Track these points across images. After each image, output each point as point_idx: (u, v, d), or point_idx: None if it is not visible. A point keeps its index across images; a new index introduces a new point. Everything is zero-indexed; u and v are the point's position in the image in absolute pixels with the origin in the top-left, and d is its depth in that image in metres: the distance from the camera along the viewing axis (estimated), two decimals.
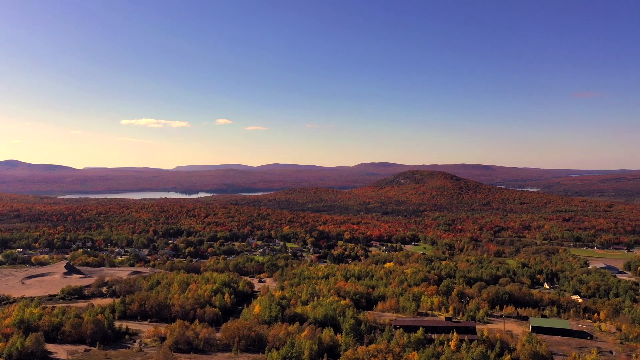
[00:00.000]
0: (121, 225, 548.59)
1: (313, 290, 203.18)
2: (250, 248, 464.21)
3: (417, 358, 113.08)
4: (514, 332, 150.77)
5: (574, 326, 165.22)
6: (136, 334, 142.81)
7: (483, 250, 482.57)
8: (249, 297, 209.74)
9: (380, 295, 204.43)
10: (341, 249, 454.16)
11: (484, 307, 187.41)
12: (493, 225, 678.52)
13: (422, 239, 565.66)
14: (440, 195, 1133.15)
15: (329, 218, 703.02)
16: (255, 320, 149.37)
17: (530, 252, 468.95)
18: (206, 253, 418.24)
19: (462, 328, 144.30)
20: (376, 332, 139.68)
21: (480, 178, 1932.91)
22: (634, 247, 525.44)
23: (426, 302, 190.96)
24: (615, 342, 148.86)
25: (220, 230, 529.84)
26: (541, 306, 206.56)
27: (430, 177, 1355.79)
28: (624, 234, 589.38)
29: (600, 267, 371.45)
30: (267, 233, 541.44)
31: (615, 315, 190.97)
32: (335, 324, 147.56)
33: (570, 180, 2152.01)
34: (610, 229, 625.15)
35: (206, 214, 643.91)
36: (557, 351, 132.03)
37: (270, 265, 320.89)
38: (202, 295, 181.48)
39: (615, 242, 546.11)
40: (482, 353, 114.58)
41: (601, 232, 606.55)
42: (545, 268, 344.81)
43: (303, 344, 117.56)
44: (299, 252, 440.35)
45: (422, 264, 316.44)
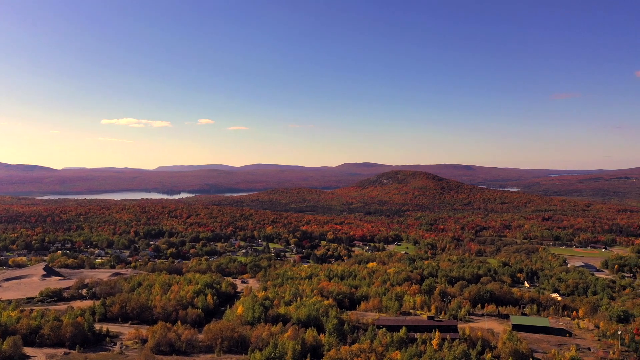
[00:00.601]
0: (101, 226, 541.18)
1: (296, 291, 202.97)
2: (233, 249, 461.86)
3: (400, 357, 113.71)
4: (495, 331, 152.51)
5: (553, 324, 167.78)
6: (117, 336, 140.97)
7: (465, 249, 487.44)
8: (231, 298, 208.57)
9: (363, 295, 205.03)
10: (324, 249, 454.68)
11: (466, 306, 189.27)
12: (474, 225, 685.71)
13: (405, 239, 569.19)
14: (422, 195, 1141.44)
15: (312, 218, 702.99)
16: (238, 321, 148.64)
17: (510, 251, 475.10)
18: (188, 254, 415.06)
19: (444, 327, 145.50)
20: (359, 332, 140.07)
21: (462, 178, 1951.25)
22: (611, 245, 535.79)
23: (409, 302, 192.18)
24: (593, 339, 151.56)
25: (203, 231, 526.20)
26: (521, 304, 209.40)
27: (412, 177, 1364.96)
28: (601, 233, 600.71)
29: (579, 266, 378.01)
30: (250, 233, 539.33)
31: (593, 312, 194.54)
32: (319, 324, 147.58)
33: (550, 180, 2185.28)
34: (588, 228, 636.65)
35: (188, 215, 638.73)
36: (537, 348, 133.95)
37: (253, 265, 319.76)
38: (185, 296, 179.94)
39: (593, 240, 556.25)
40: (464, 351, 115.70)
41: (579, 231, 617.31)
42: (525, 267, 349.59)
43: (286, 345, 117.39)
44: (282, 253, 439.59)
45: (404, 264, 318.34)
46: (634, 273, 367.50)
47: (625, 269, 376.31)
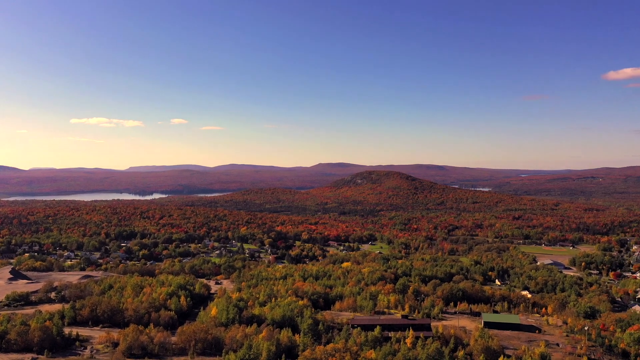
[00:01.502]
0: (71, 228, 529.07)
1: (271, 291, 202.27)
2: (206, 250, 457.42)
3: (374, 356, 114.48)
4: (467, 328, 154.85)
5: (523, 321, 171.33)
6: (87, 340, 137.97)
7: (438, 248, 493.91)
8: (205, 299, 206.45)
9: (338, 294, 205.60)
10: (299, 250, 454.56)
11: (439, 305, 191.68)
12: (447, 224, 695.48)
13: (379, 239, 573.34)
14: (396, 195, 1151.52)
15: (286, 219, 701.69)
16: (212, 323, 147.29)
17: (482, 250, 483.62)
18: (161, 255, 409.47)
19: (417, 325, 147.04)
20: (334, 332, 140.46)
21: (435, 178, 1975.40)
22: (578, 243, 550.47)
23: (383, 301, 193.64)
24: (561, 334, 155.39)
25: (176, 232, 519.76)
26: (493, 302, 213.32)
27: (386, 177, 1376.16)
28: (569, 231, 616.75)
29: (548, 264, 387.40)
30: (224, 234, 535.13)
31: (562, 309, 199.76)
32: (294, 324, 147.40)
33: (520, 180, 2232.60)
34: (557, 227, 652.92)
35: (161, 216, 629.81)
36: (508, 345, 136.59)
37: (227, 266, 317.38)
38: (157, 298, 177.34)
39: (562, 239, 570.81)
40: (437, 349, 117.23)
41: (548, 229, 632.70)
42: (496, 265, 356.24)
43: (261, 346, 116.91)
44: (256, 253, 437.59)
45: (378, 263, 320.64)
46: (600, 270, 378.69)
47: (592, 267, 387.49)
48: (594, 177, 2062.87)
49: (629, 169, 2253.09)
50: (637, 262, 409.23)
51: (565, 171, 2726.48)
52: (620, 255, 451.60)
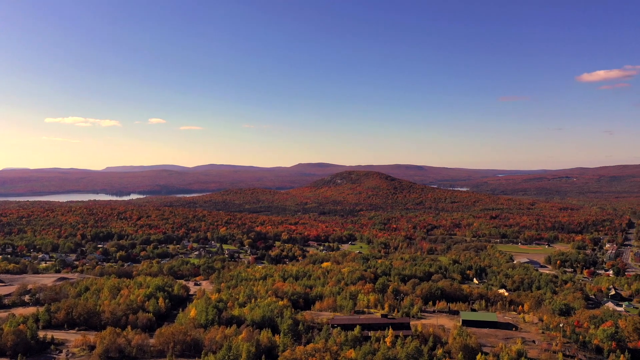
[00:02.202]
0: (45, 229, 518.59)
1: (250, 292, 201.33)
2: (185, 251, 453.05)
3: (354, 356, 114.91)
4: (446, 327, 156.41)
5: (500, 318, 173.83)
6: (63, 343, 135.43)
7: (417, 248, 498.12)
8: (184, 301, 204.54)
9: (317, 294, 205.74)
10: (279, 250, 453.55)
11: (418, 303, 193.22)
12: (426, 224, 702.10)
13: (359, 238, 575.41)
14: (375, 195, 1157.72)
15: (266, 219, 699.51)
16: (191, 325, 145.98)
17: (460, 249, 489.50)
18: (139, 257, 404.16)
19: (397, 324, 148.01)
20: (314, 332, 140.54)
21: (414, 178, 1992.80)
22: (553, 242, 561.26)
23: (363, 300, 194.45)
24: (537, 331, 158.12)
25: (154, 233, 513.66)
26: (471, 300, 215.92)
27: (366, 177, 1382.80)
28: (544, 230, 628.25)
29: (524, 262, 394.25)
30: (203, 235, 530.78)
31: (538, 306, 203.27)
32: (273, 324, 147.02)
33: (497, 180, 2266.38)
34: (533, 226, 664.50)
35: (139, 217, 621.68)
36: (486, 343, 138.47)
37: (206, 267, 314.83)
38: (135, 300, 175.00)
39: (537, 238, 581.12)
40: (416, 348, 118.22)
41: (524, 228, 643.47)
42: (474, 264, 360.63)
43: (240, 347, 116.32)
44: (236, 254, 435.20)
45: (358, 263, 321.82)
46: (575, 268, 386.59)
47: (567, 264, 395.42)
48: (569, 177, 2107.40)
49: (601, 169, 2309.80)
50: (610, 260, 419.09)
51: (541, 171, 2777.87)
52: (593, 254, 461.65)
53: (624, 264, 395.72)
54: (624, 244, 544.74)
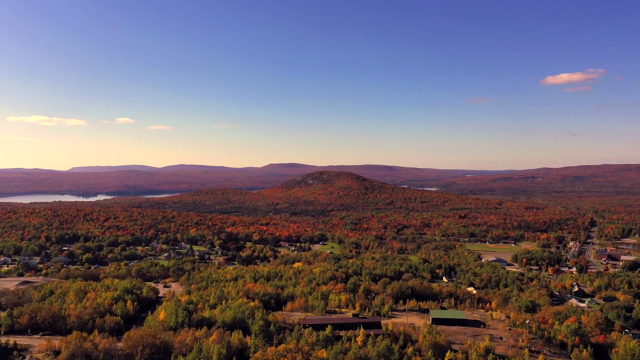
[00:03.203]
0: (8, 231, 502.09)
1: (221, 293, 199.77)
2: (154, 252, 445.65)
3: (326, 355, 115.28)
4: (416, 325, 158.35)
5: (469, 316, 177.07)
6: (26, 349, 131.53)
7: (387, 247, 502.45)
8: (153, 303, 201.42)
9: (289, 295, 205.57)
10: (250, 251, 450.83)
11: (389, 302, 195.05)
12: (396, 224, 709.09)
13: (330, 238, 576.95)
14: (346, 195, 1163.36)
15: (237, 219, 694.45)
16: (161, 327, 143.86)
17: (430, 248, 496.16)
18: (106, 259, 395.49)
19: (368, 323, 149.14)
20: (285, 332, 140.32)
21: (385, 178, 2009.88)
22: (520, 240, 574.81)
23: (334, 300, 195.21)
24: (504, 328, 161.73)
25: (122, 235, 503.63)
26: (440, 299, 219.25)
27: (337, 177, 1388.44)
28: (511, 229, 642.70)
29: (492, 260, 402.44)
30: (173, 236, 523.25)
31: (505, 304, 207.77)
32: (245, 326, 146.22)
33: (466, 180, 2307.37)
34: (500, 225, 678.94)
35: (106, 218, 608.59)
36: (455, 340, 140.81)
37: (176, 269, 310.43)
38: (102, 303, 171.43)
39: (504, 236, 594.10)
40: (387, 346, 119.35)
41: (492, 227, 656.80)
42: (443, 263, 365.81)
43: (211, 349, 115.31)
44: (206, 255, 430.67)
45: (330, 263, 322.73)
46: (540, 266, 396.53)
47: (533, 262, 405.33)
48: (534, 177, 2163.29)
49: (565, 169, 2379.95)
50: (573, 257, 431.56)
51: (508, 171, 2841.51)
52: (558, 251, 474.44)
53: (586, 261, 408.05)
54: (587, 241, 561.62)
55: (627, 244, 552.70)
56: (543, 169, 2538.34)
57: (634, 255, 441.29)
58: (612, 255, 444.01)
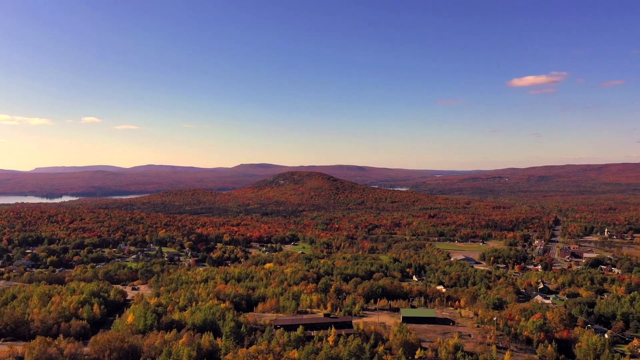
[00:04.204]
0: None
1: (191, 295, 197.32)
2: (122, 254, 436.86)
3: (297, 356, 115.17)
4: (387, 324, 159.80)
5: (439, 314, 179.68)
6: None
7: (358, 247, 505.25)
8: (121, 306, 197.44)
9: (260, 296, 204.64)
10: (220, 252, 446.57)
11: (360, 302, 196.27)
12: (367, 224, 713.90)
13: (301, 239, 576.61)
14: (318, 196, 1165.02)
15: (207, 220, 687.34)
16: (129, 331, 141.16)
17: (400, 247, 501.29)
18: (72, 262, 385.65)
19: (339, 323, 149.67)
20: (257, 333, 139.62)
21: (355, 178, 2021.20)
22: (487, 239, 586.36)
23: (305, 301, 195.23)
24: (473, 325, 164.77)
25: (88, 237, 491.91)
26: (411, 297, 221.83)
27: (308, 177, 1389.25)
28: (479, 228, 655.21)
29: (461, 259, 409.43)
30: (141, 238, 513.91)
31: (473, 301, 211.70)
32: (215, 328, 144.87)
33: (435, 180, 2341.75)
34: (468, 224, 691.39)
35: (71, 220, 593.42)
36: (425, 338, 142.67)
37: (144, 271, 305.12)
38: (68, 307, 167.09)
39: (473, 235, 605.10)
40: (358, 346, 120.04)
41: (461, 227, 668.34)
42: (413, 262, 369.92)
43: (181, 351, 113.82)
44: (176, 257, 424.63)
45: (301, 263, 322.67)
46: (507, 264, 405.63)
47: (500, 261, 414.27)
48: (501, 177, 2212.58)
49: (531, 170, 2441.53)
50: (538, 255, 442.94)
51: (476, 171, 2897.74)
52: (524, 250, 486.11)
53: (551, 259, 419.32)
54: (551, 240, 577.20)
55: (589, 241, 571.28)
56: (510, 169, 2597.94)
57: (596, 253, 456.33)
58: (575, 253, 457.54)
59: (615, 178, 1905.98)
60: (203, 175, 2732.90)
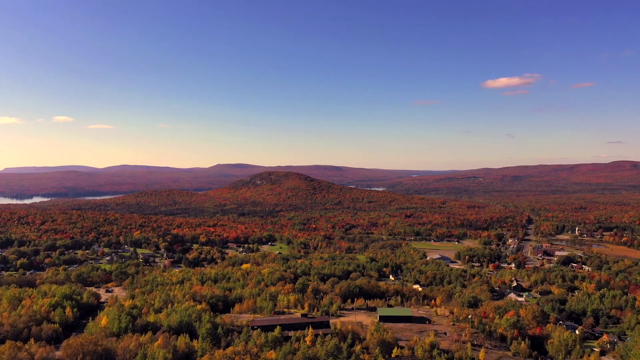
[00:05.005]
0: None
1: (167, 297, 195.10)
2: (96, 256, 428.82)
3: (275, 356, 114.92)
4: (364, 323, 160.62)
5: (415, 313, 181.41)
6: None
7: (335, 247, 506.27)
8: (95, 309, 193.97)
9: (237, 297, 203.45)
10: (197, 252, 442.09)
11: (337, 302, 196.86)
12: (344, 224, 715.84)
13: (279, 239, 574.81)
14: (295, 196, 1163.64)
15: (183, 221, 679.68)
16: (103, 334, 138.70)
17: (377, 247, 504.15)
18: (43, 264, 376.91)
19: (317, 323, 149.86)
20: (234, 335, 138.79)
21: (333, 179, 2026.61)
22: (462, 238, 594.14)
23: (283, 301, 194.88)
24: (449, 324, 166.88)
25: (60, 238, 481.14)
26: (387, 297, 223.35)
27: (285, 178, 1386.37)
28: (454, 227, 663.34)
29: (436, 258, 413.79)
30: (116, 239, 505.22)
31: (449, 300, 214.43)
32: (192, 329, 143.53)
33: (411, 180, 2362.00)
34: (444, 224, 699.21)
35: (43, 221, 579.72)
36: (402, 337, 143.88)
37: (119, 273, 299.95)
38: (39, 311, 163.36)
39: (448, 235, 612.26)
40: (336, 345, 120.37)
41: (437, 226, 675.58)
42: (390, 261, 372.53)
43: (156, 354, 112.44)
44: (151, 258, 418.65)
45: (278, 264, 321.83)
46: (482, 263, 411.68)
47: (475, 259, 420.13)
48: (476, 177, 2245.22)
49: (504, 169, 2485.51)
50: (512, 254, 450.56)
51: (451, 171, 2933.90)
52: (498, 248, 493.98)
53: (524, 257, 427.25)
54: (524, 238, 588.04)
55: (561, 240, 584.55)
56: (484, 169, 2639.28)
57: (567, 251, 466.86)
58: (547, 251, 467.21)
59: (586, 178, 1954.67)
60: (179, 176, 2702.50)
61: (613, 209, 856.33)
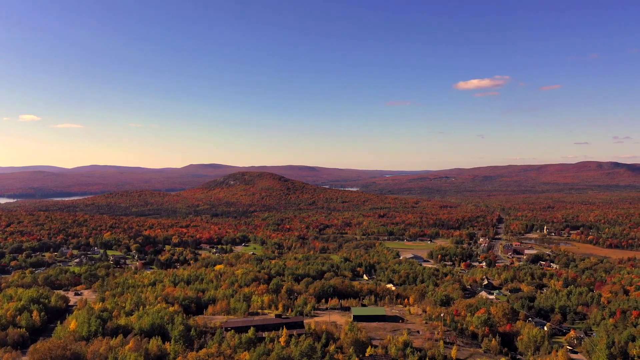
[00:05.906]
0: None
1: (138, 299, 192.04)
2: (64, 259, 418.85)
3: (248, 358, 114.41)
4: (338, 323, 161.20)
5: (388, 312, 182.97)
6: None
7: (310, 247, 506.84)
8: (63, 312, 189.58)
9: (210, 298, 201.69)
10: (169, 254, 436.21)
11: (311, 302, 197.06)
12: (318, 224, 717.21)
13: (252, 240, 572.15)
14: (269, 196, 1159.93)
15: (155, 222, 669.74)
16: (71, 338, 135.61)
17: (351, 247, 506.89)
18: (9, 267, 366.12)
19: (291, 323, 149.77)
20: (207, 336, 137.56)
21: (307, 179, 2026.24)
22: (435, 238, 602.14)
23: (257, 302, 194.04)
24: (422, 322, 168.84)
25: (27, 240, 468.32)
26: (361, 296, 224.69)
27: (259, 178, 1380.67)
28: (427, 227, 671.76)
29: (409, 257, 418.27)
30: (85, 241, 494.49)
31: (422, 298, 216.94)
32: (164, 332, 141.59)
33: (385, 180, 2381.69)
34: (417, 223, 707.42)
35: (8, 223, 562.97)
36: (375, 336, 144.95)
37: (88, 275, 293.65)
38: (4, 315, 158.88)
39: (421, 234, 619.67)
40: (310, 345, 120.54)
41: (410, 226, 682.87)
42: (364, 261, 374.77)
43: (127, 357, 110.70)
44: (122, 260, 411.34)
45: (252, 264, 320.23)
46: (454, 261, 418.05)
47: (447, 258, 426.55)
48: (448, 177, 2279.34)
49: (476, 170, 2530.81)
50: (483, 252, 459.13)
51: (424, 172, 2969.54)
52: (469, 247, 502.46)
53: (494, 256, 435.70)
54: (495, 237, 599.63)
55: (530, 238, 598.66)
56: (456, 169, 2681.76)
57: (536, 250, 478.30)
58: (517, 250, 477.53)
59: (553, 178, 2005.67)
60: (151, 176, 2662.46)
61: (579, 209, 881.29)
